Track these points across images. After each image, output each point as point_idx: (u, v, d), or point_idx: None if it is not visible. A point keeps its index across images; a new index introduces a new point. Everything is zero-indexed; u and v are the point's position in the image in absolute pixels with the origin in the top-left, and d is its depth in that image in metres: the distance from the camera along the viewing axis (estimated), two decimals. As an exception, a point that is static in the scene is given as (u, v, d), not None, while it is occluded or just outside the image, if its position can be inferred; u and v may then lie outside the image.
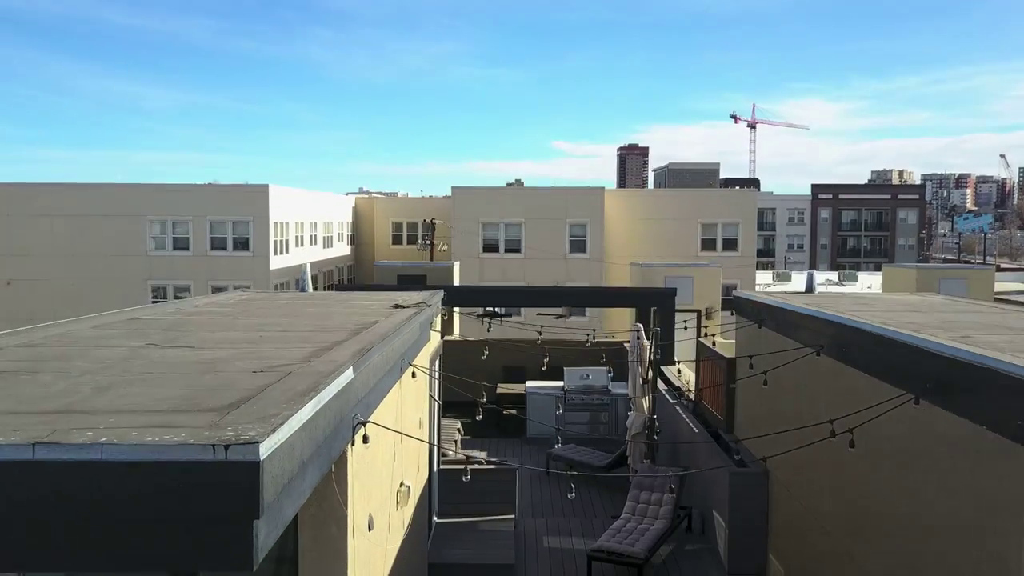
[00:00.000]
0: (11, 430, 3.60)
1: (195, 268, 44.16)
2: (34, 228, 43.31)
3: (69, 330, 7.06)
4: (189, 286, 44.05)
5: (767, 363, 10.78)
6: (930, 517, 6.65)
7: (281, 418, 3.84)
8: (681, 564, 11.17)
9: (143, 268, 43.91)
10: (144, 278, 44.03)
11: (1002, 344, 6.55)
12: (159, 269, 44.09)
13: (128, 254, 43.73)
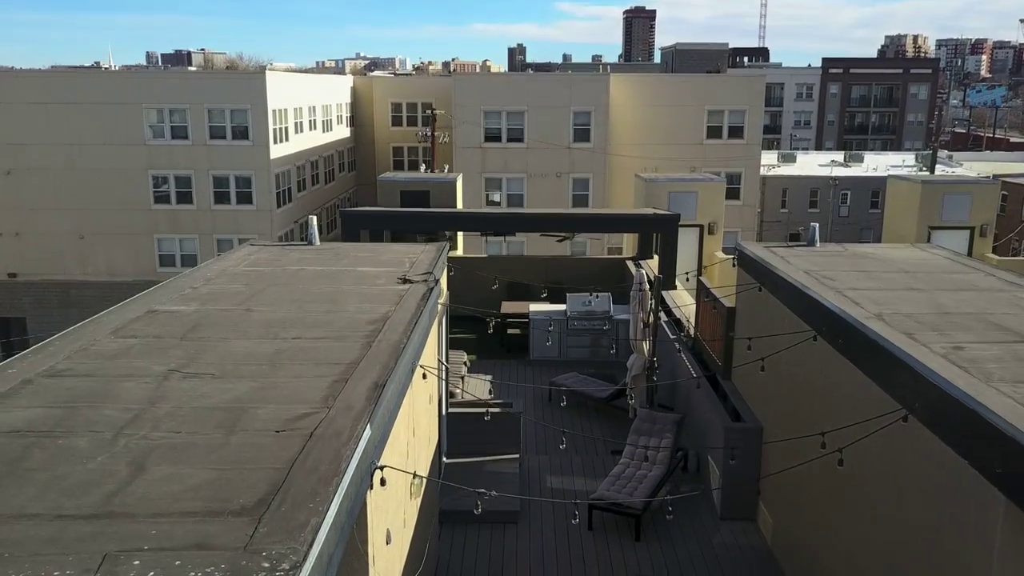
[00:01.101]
0: (66, 556, 3.93)
1: (195, 157, 43.86)
2: (29, 117, 42.73)
3: (90, 342, 7.30)
4: (190, 176, 43.93)
5: (765, 321, 11.08)
6: (907, 507, 7.07)
7: (311, 530, 4.17)
8: (677, 509, 11.83)
9: (143, 157, 43.59)
10: (144, 167, 43.80)
11: (994, 367, 6.79)
12: (159, 159, 43.79)
13: (127, 143, 43.33)
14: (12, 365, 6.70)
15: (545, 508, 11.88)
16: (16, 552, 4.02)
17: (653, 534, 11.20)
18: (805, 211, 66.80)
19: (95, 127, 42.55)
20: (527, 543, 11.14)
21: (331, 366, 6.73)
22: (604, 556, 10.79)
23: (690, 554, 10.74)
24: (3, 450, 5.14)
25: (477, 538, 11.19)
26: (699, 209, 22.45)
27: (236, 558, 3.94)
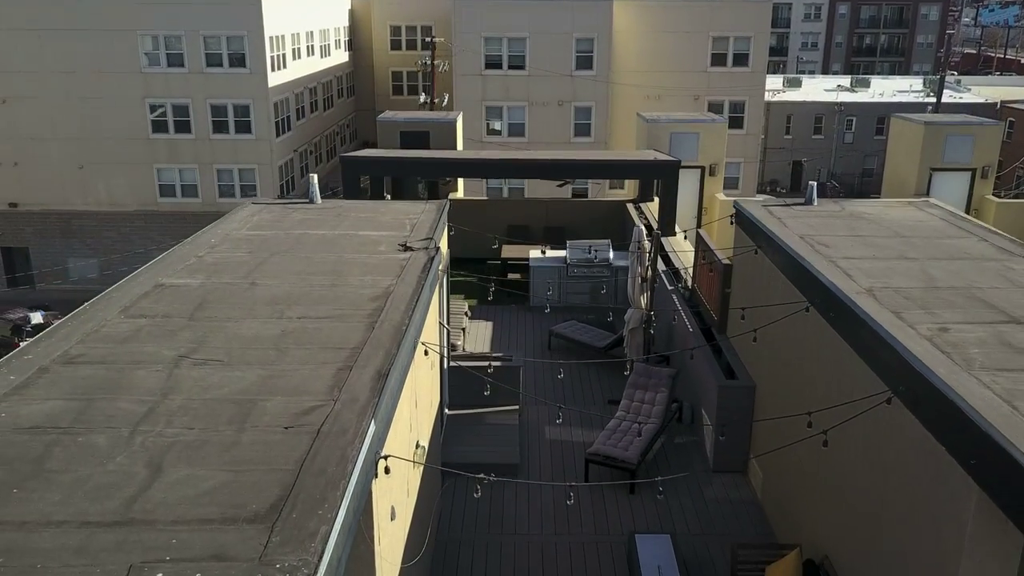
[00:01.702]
0: (93, 567, 4.23)
1: (191, 86, 43.31)
2: (21, 43, 42.08)
3: (100, 323, 7.51)
4: (187, 105, 43.42)
5: (761, 283, 11.28)
6: (888, 482, 7.40)
7: (321, 539, 4.46)
8: (671, 460, 12.26)
9: (139, 86, 43.05)
10: (140, 96, 43.30)
11: (976, 352, 7.01)
12: (155, 87, 43.25)
13: (122, 71, 42.75)
14: (28, 351, 6.94)
15: (544, 460, 12.30)
16: (47, 563, 4.32)
17: (647, 486, 11.62)
18: (809, 137, 66.17)
19: (89, 55, 41.87)
20: (526, 494, 11.58)
21: (335, 351, 6.96)
22: (599, 508, 11.24)
23: (682, 506, 11.18)
24: (26, 448, 5.42)
25: (478, 489, 11.60)
26: (701, 150, 22.37)
27: (252, 570, 4.24)
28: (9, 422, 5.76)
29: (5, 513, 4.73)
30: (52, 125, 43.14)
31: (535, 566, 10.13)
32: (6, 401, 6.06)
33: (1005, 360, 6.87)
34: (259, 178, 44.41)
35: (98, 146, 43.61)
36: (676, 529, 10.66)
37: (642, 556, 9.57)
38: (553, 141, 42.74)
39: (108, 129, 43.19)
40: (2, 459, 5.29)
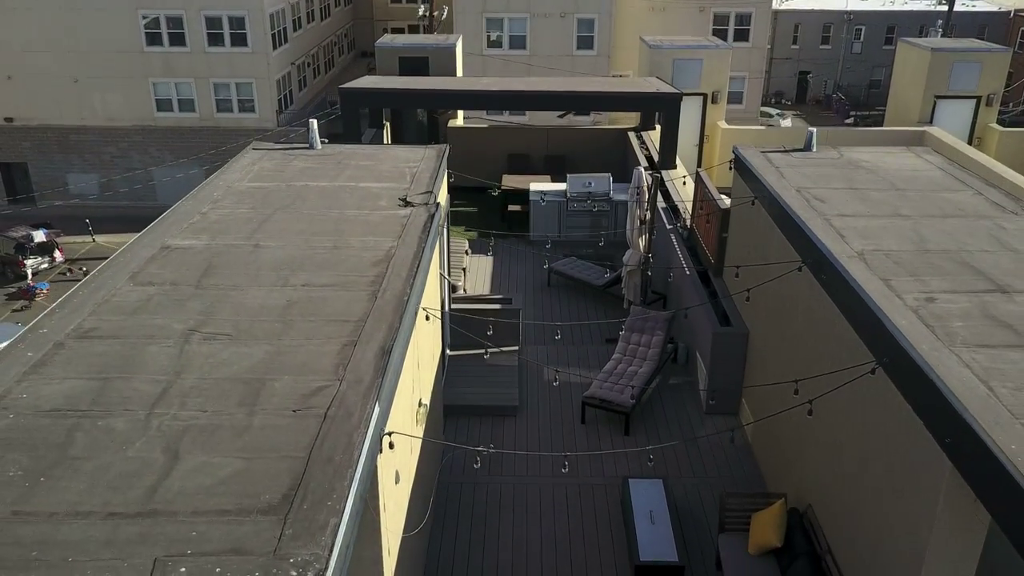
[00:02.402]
0: (121, 561, 4.58)
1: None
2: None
3: (111, 292, 7.72)
4: (181, 16, 42.49)
5: (757, 234, 11.44)
6: (868, 444, 7.74)
7: (331, 532, 4.79)
8: (665, 403, 12.66)
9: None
10: (132, 7, 42.35)
11: (959, 326, 7.23)
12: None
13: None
14: (43, 324, 7.18)
15: (542, 402, 12.70)
16: (77, 556, 4.66)
17: (641, 428, 12.06)
18: (817, 48, 64.74)
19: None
20: (525, 435, 12.04)
21: (340, 324, 7.19)
22: (595, 447, 11.70)
23: (675, 449, 11.63)
24: (48, 432, 5.72)
25: (479, 430, 12.07)
26: (703, 77, 22.06)
27: (268, 565, 4.58)
28: (31, 403, 6.05)
29: (35, 503, 5.06)
30: (44, 37, 42.37)
31: (532, 508, 10.63)
32: (26, 380, 6.34)
33: (987, 334, 7.10)
34: (257, 93, 43.83)
35: (92, 59, 42.97)
36: (668, 472, 11.13)
37: (635, 500, 10.04)
38: (555, 54, 41.97)
39: (101, 41, 42.48)
40: (27, 445, 5.59)
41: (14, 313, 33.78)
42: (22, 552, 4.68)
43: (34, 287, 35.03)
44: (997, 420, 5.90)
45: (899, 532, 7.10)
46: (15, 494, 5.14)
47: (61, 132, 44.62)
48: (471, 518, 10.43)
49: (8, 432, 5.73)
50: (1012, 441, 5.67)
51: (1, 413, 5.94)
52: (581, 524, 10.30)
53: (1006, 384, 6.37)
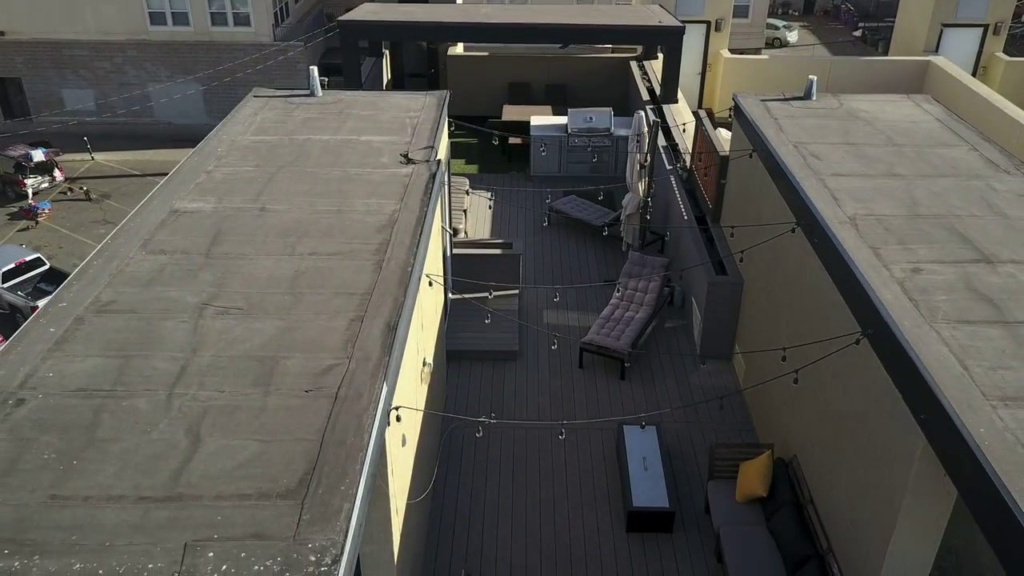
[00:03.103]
0: (154, 545, 5.01)
1: None
2: None
3: (124, 261, 7.98)
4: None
5: (754, 186, 11.61)
6: (850, 407, 8.14)
7: (345, 516, 5.21)
8: (660, 348, 13.06)
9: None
10: (146, 58, 41.27)
11: (942, 300, 7.52)
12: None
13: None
14: (61, 297, 7.48)
15: (542, 346, 13.10)
16: (114, 540, 5.08)
17: (637, 373, 12.50)
18: (826, -43, 62.69)
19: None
20: (524, 378, 12.48)
21: (347, 297, 7.48)
22: (592, 392, 12.16)
23: (669, 394, 12.09)
24: (77, 414, 6.08)
25: (480, 374, 12.51)
26: (707, 4, 21.68)
27: (288, 550, 5.01)
28: (57, 383, 6.40)
29: (70, 487, 5.46)
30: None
31: (532, 451, 11.15)
32: (51, 358, 6.68)
33: (968, 310, 7.39)
34: (252, 4, 42.87)
35: (81, -33, 41.87)
36: (662, 416, 11.61)
37: (629, 446, 10.53)
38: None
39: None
40: (58, 426, 5.96)
41: (19, 233, 34.00)
42: (63, 536, 5.10)
43: (36, 207, 35.12)
44: (969, 402, 6.26)
45: (875, 495, 7.56)
46: (51, 477, 5.54)
47: (54, 46, 43.84)
48: (472, 463, 10.96)
49: (39, 413, 6.10)
50: (981, 424, 6.04)
51: (30, 394, 6.30)
52: (578, 469, 10.83)
53: (981, 363, 6.70)
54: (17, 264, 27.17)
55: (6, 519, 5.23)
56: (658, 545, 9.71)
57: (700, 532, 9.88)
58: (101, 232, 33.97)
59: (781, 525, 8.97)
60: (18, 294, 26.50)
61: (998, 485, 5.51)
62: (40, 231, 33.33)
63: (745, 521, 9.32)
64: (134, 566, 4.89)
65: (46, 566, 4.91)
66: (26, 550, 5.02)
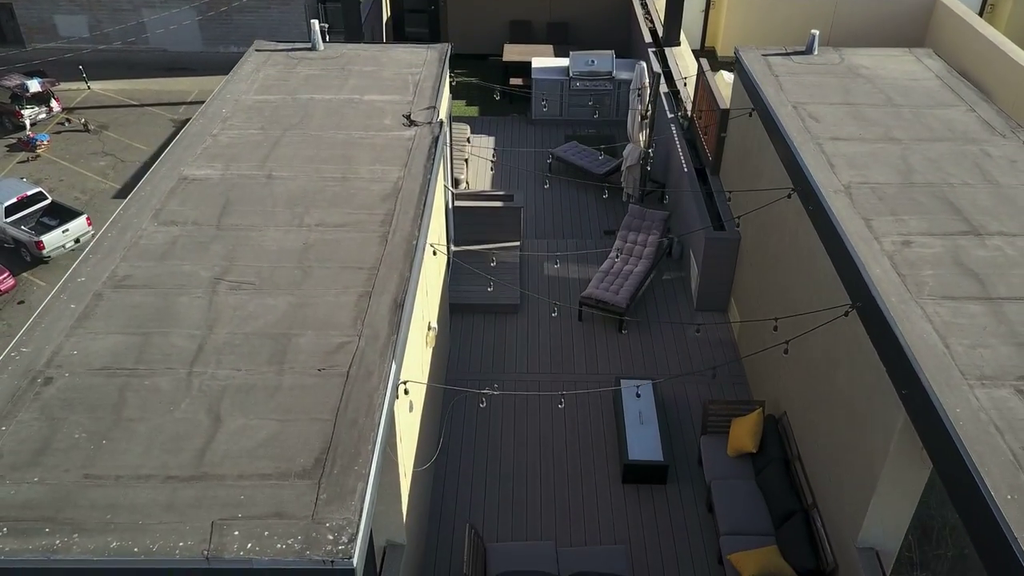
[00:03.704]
0: (183, 524, 5.40)
1: None
2: None
3: (137, 233, 8.22)
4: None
5: (753, 145, 11.75)
6: (838, 368, 8.49)
7: (359, 497, 5.59)
8: (658, 301, 13.37)
9: None
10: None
11: (929, 275, 7.78)
12: None
13: None
14: (80, 271, 7.75)
15: (542, 299, 13.41)
16: (145, 519, 5.48)
17: (634, 326, 12.85)
18: None
19: None
20: (526, 331, 12.83)
21: (354, 271, 7.75)
22: (591, 345, 12.54)
23: (665, 347, 12.46)
24: (102, 392, 6.43)
25: (483, 327, 12.86)
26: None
27: (308, 528, 5.41)
28: (82, 361, 6.73)
29: (101, 467, 5.84)
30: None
31: (532, 402, 11.58)
32: (74, 335, 6.99)
33: (953, 285, 7.66)
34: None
35: None
36: (658, 370, 12.00)
37: (626, 400, 10.95)
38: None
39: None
40: (86, 405, 6.32)
41: (18, 165, 33.97)
42: (99, 515, 5.50)
43: (35, 139, 34.98)
44: (948, 381, 6.59)
45: (858, 459, 7.97)
46: (83, 457, 5.92)
47: (45, -31, 43.03)
48: (475, 420, 11.40)
49: (67, 392, 6.44)
50: (958, 404, 6.38)
51: (57, 372, 6.63)
52: (576, 421, 11.28)
53: (962, 341, 7.01)
54: (19, 199, 27.27)
55: (44, 498, 5.63)
56: (652, 496, 10.21)
57: (693, 484, 10.37)
58: (101, 164, 33.98)
59: (769, 480, 9.44)
60: (22, 229, 26.70)
61: (970, 467, 5.89)
62: (40, 163, 33.30)
63: (735, 475, 9.79)
64: (166, 544, 5.30)
65: (85, 544, 5.31)
66: (65, 528, 5.42)
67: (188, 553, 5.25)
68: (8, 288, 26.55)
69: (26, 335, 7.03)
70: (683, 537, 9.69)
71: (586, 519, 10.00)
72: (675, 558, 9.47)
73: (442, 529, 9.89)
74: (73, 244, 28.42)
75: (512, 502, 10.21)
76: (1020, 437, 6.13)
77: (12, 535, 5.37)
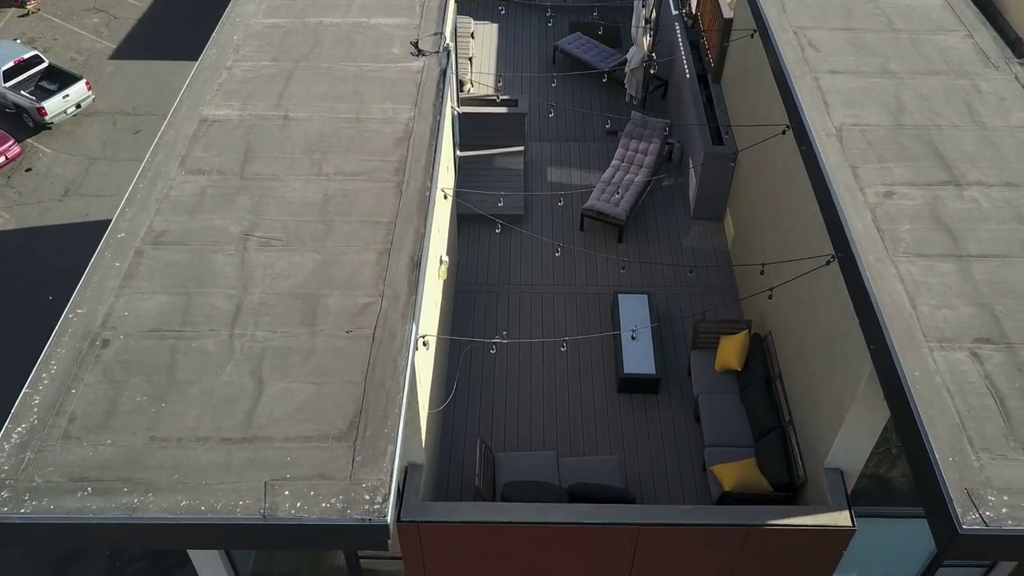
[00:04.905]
0: (240, 484, 6.33)
1: None
2: None
3: (167, 184, 8.74)
4: None
5: (753, 66, 11.98)
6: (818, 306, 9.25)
7: (389, 458, 6.49)
8: (656, 207, 13.93)
9: None
10: None
11: (906, 230, 8.37)
12: None
13: None
14: (119, 227, 8.34)
15: (545, 209, 13.97)
16: (208, 479, 6.39)
17: (633, 236, 13.48)
18: None
19: None
20: (529, 240, 13.49)
21: (373, 226, 8.35)
22: (591, 255, 13.23)
23: (662, 256, 13.15)
24: (156, 355, 7.20)
25: (488, 237, 13.49)
26: None
27: (347, 488, 6.34)
28: (133, 323, 7.47)
29: (165, 429, 6.71)
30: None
31: (535, 312, 12.41)
32: (122, 296, 7.70)
33: (927, 241, 8.27)
34: None
35: None
36: (654, 280, 12.75)
37: (623, 313, 11.78)
38: None
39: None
40: (143, 368, 7.11)
41: (10, 23, 33.30)
42: (167, 476, 6.41)
43: (22, -9, 34.13)
44: (911, 344, 7.35)
45: (830, 392, 8.87)
46: (147, 420, 6.77)
47: None
48: (484, 323, 12.26)
49: (124, 355, 7.23)
50: (916, 367, 7.17)
51: (112, 334, 7.39)
52: (576, 330, 12.15)
53: (929, 302, 7.72)
54: (16, 62, 27.07)
55: (118, 459, 6.53)
56: (644, 405, 11.23)
57: (682, 394, 11.37)
58: (94, 21, 33.34)
59: (752, 397, 10.40)
60: (22, 94, 26.71)
61: (920, 428, 6.75)
62: (32, 21, 32.73)
63: (721, 390, 10.76)
64: (228, 503, 6.25)
65: (159, 502, 6.26)
66: (140, 488, 6.35)
67: (247, 511, 6.20)
68: (15, 156, 26.90)
69: (79, 295, 7.72)
70: (672, 445, 10.77)
71: (584, 425, 11.06)
72: (664, 466, 10.59)
73: (455, 444, 10.95)
74: (74, 109, 28.46)
75: (517, 411, 11.23)
76: (967, 400, 6.97)
77: (96, 494, 6.30)
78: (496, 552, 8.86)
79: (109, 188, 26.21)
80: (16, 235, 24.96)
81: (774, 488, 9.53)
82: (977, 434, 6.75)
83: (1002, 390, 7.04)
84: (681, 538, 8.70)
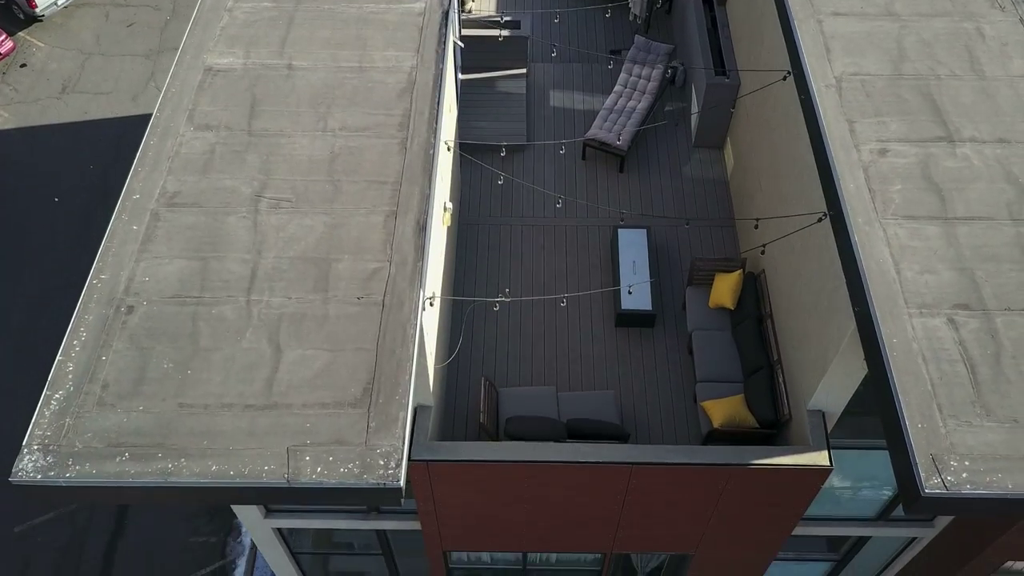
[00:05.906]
0: (264, 450, 6.89)
1: None
2: None
3: (177, 141, 8.94)
4: None
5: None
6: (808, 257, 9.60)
7: (401, 425, 7.03)
8: (658, 139, 14.01)
9: None
10: None
11: (897, 190, 8.61)
12: None
13: None
14: (133, 188, 8.61)
15: (548, 136, 14.06)
16: (235, 445, 6.95)
17: (635, 165, 13.64)
18: None
19: None
20: (532, 169, 13.67)
21: (379, 187, 8.61)
22: (592, 183, 13.45)
23: (662, 187, 13.37)
24: (178, 322, 7.64)
25: (491, 165, 13.66)
26: None
27: (363, 454, 6.90)
28: (155, 288, 7.86)
29: (191, 396, 7.22)
30: None
31: (537, 244, 12.76)
32: (142, 260, 8.06)
33: (916, 203, 8.52)
34: None
35: None
36: (654, 212, 13.02)
37: (622, 249, 12.12)
38: None
39: None
40: (167, 335, 7.56)
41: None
42: (197, 442, 6.97)
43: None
44: (892, 310, 7.76)
45: (816, 339, 9.34)
46: (175, 387, 7.28)
47: None
48: (487, 251, 12.63)
49: (148, 321, 7.66)
50: (895, 334, 7.60)
51: (135, 300, 7.80)
52: (576, 264, 12.54)
53: (913, 267, 8.06)
54: (5, -46, 26.48)
55: (150, 425, 7.07)
56: (640, 338, 11.74)
57: (677, 328, 11.86)
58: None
59: (743, 334, 10.89)
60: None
61: (894, 392, 7.25)
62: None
63: (714, 327, 11.24)
64: (255, 468, 6.83)
65: (192, 467, 6.84)
66: (173, 453, 6.92)
67: (272, 476, 6.79)
68: (8, 51, 26.62)
69: (100, 261, 8.08)
70: (665, 379, 11.35)
71: (583, 358, 11.61)
72: (658, 399, 11.20)
73: (460, 382, 11.49)
74: (65, 1, 27.92)
75: (519, 345, 11.75)
76: (941, 367, 7.43)
77: (132, 459, 6.87)
78: (499, 486, 9.57)
79: (106, 85, 25.99)
80: (16, 134, 24.96)
81: (760, 424, 10.16)
82: (946, 401, 7.24)
83: (974, 357, 7.49)
84: (671, 475, 9.38)
